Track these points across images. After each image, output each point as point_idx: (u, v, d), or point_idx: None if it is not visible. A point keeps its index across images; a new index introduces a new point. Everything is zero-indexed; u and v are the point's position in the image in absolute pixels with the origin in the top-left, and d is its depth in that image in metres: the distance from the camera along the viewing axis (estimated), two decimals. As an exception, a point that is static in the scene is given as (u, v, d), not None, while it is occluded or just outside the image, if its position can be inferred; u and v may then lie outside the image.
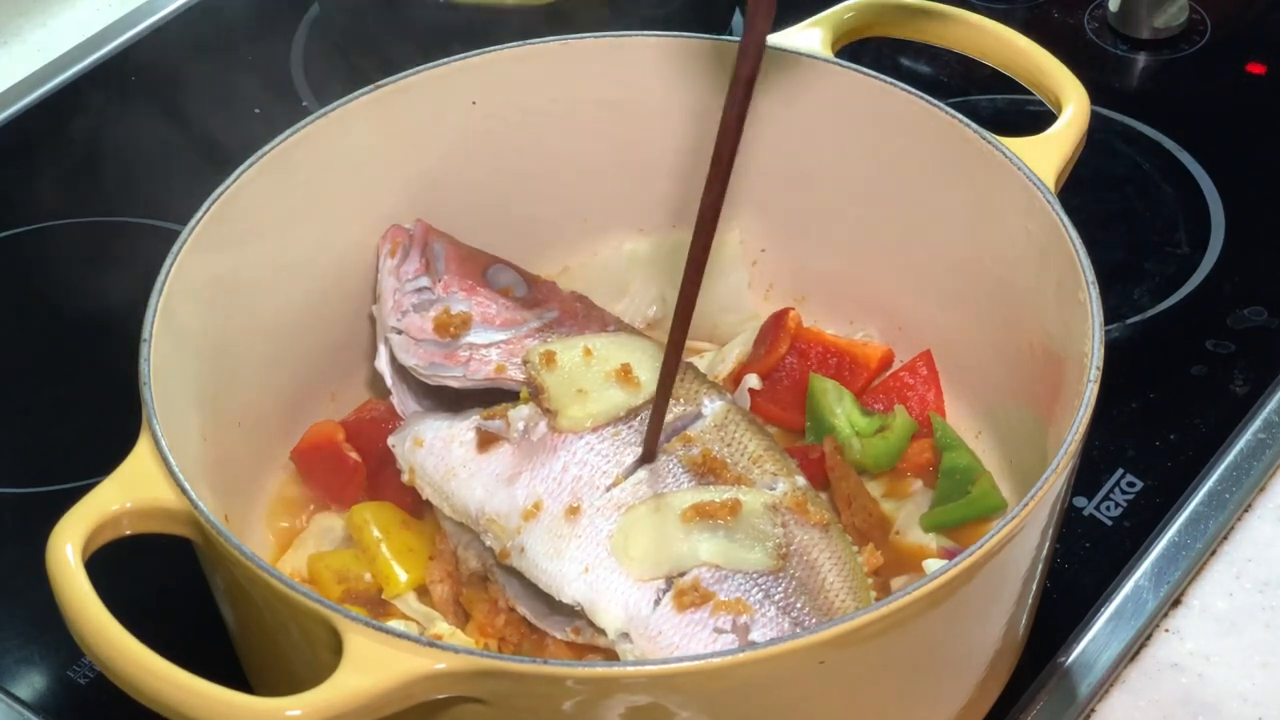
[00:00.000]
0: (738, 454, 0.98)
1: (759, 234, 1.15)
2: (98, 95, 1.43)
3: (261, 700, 0.77)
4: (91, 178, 1.35)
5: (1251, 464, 1.12)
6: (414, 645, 0.77)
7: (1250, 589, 1.06)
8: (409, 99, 1.07)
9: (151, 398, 0.88)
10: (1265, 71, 1.43)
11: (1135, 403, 1.16)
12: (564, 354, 1.01)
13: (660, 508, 0.94)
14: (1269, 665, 1.02)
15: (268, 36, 1.47)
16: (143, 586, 0.99)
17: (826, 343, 1.12)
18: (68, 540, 0.82)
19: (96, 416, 1.14)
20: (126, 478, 0.85)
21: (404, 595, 0.99)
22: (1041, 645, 1.01)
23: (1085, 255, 0.94)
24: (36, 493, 1.13)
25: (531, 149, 1.12)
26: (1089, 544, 1.07)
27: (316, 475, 1.06)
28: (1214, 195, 1.31)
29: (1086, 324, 0.92)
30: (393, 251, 1.08)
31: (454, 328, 1.04)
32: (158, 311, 0.92)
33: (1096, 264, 0.94)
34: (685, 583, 0.92)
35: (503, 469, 0.98)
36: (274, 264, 1.04)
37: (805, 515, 0.95)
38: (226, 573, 0.86)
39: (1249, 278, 1.25)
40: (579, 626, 0.94)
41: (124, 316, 0.96)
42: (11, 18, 1.51)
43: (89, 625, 0.79)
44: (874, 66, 1.07)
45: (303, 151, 1.03)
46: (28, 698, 1.01)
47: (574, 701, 0.79)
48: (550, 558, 0.94)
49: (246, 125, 1.35)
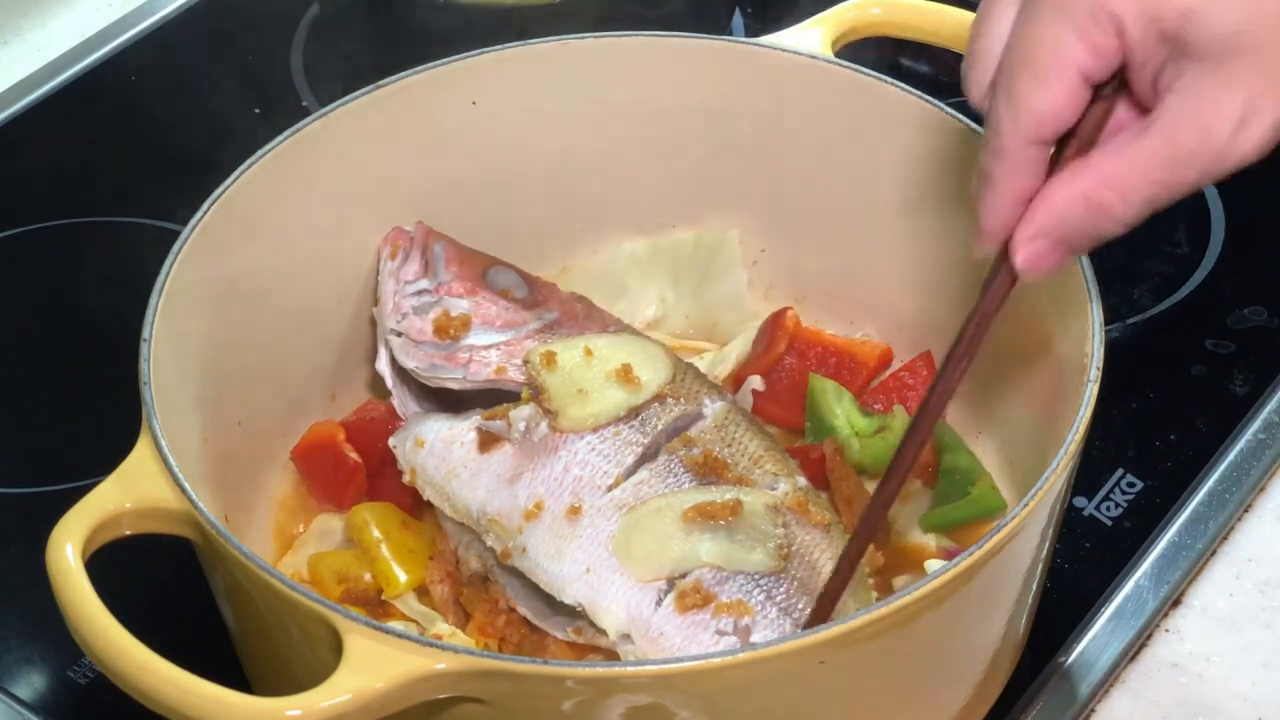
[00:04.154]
0: (739, 454, 0.98)
1: (759, 234, 1.15)
2: (98, 95, 1.43)
3: (261, 700, 0.77)
4: (91, 178, 1.35)
5: (1251, 464, 1.12)
6: (414, 645, 0.78)
7: (1250, 589, 1.06)
8: (409, 99, 1.07)
9: (151, 398, 0.88)
10: (1265, 71, 1.43)
11: (1135, 403, 1.16)
12: (564, 354, 1.01)
13: (662, 508, 0.94)
14: (1269, 665, 1.01)
15: (268, 36, 1.47)
16: (143, 586, 0.99)
17: (825, 342, 1.12)
18: (68, 540, 0.82)
19: (96, 416, 1.14)
20: (126, 478, 0.85)
21: (404, 595, 0.99)
22: (1041, 645, 1.01)
23: (1085, 255, 0.94)
24: (36, 493, 1.13)
25: (531, 149, 1.12)
26: (1089, 544, 1.07)
27: (316, 475, 1.06)
28: (1214, 195, 1.31)
29: (1086, 324, 0.92)
30: (393, 254, 1.08)
31: (454, 329, 1.04)
32: (158, 311, 0.92)
33: (1096, 264, 0.94)
34: (687, 584, 0.91)
35: (504, 469, 0.98)
36: (274, 264, 1.04)
37: (806, 516, 0.95)
38: (226, 573, 0.86)
39: (1249, 278, 1.25)
40: (580, 627, 0.94)
41: (124, 316, 0.96)
42: (11, 18, 1.51)
43: (89, 625, 0.79)
44: (874, 66, 1.07)
45: (303, 151, 1.03)
46: (28, 698, 1.01)
47: (574, 702, 0.79)
48: (551, 558, 0.94)
49: (246, 125, 1.35)
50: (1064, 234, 0.82)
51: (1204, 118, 0.78)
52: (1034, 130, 0.81)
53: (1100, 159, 0.81)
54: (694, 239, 1.15)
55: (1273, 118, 0.78)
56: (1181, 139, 0.78)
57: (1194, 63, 0.78)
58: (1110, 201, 0.80)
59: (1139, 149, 0.79)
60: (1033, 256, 0.83)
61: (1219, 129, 0.78)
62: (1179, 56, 0.78)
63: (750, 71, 1.09)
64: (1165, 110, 0.79)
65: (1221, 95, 0.77)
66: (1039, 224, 0.82)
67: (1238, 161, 0.79)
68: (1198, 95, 0.78)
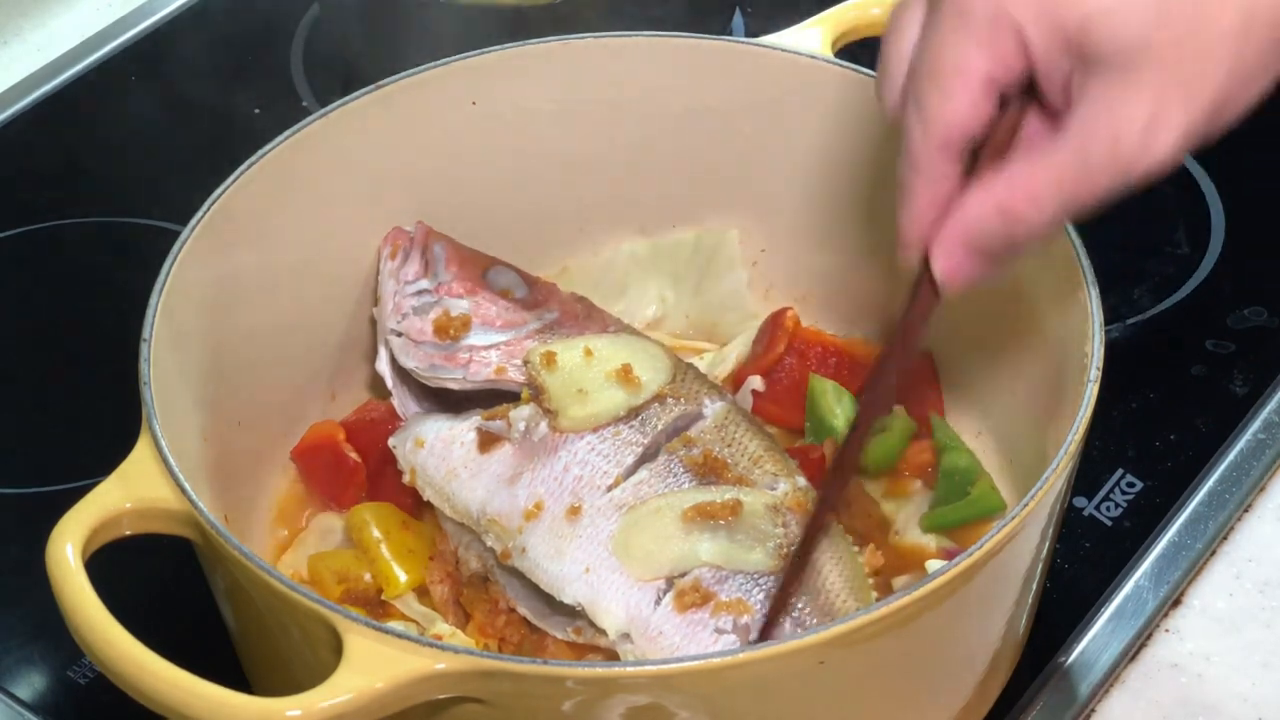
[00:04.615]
0: (738, 454, 0.98)
1: (759, 234, 1.15)
2: (98, 95, 1.43)
3: (261, 700, 0.77)
4: (91, 178, 1.35)
5: (1251, 464, 1.12)
6: (414, 645, 0.78)
7: (1250, 589, 1.06)
8: (409, 99, 1.07)
9: (151, 398, 0.88)
10: (1265, 71, 1.43)
11: (1135, 403, 1.16)
12: (564, 354, 1.01)
13: (661, 508, 0.94)
14: (1269, 665, 1.02)
15: (268, 36, 1.47)
16: (143, 586, 0.99)
17: (825, 342, 1.12)
18: (68, 540, 0.82)
19: (96, 416, 1.14)
20: (126, 478, 0.85)
21: (404, 595, 0.99)
22: (1041, 645, 1.01)
23: (1085, 255, 0.95)
24: (36, 493, 1.13)
25: (531, 149, 1.12)
26: (1089, 544, 1.07)
27: (316, 475, 1.06)
28: (1214, 195, 1.31)
29: (1086, 324, 0.92)
30: (393, 254, 1.08)
31: (454, 330, 1.04)
32: (158, 311, 0.92)
33: (1096, 264, 0.94)
34: (686, 583, 0.92)
35: (504, 469, 0.98)
36: (274, 264, 1.03)
37: (806, 515, 0.95)
38: (226, 573, 0.86)
39: (1249, 278, 1.25)
40: (580, 627, 0.94)
41: (124, 316, 0.96)
42: (11, 18, 1.51)
43: (89, 625, 0.79)
44: (874, 67, 1.07)
45: (303, 151, 1.03)
46: (28, 698, 1.01)
47: (574, 702, 0.79)
48: (551, 558, 0.94)
49: (246, 125, 1.35)
50: (980, 244, 0.82)
51: (1113, 127, 0.77)
52: (943, 139, 0.80)
53: (1013, 168, 0.80)
54: (694, 239, 1.15)
55: (1181, 127, 0.77)
56: (1091, 149, 0.78)
57: (1101, 72, 0.77)
58: (1023, 210, 0.80)
59: (1050, 158, 0.79)
60: (951, 267, 0.83)
61: (1128, 138, 0.77)
62: (1086, 65, 0.77)
63: (750, 71, 1.09)
64: (1075, 119, 0.78)
65: (1129, 104, 0.77)
66: (955, 234, 0.82)
67: (1148, 170, 0.78)
68: (1106, 104, 0.77)
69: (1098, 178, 0.78)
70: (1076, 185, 0.79)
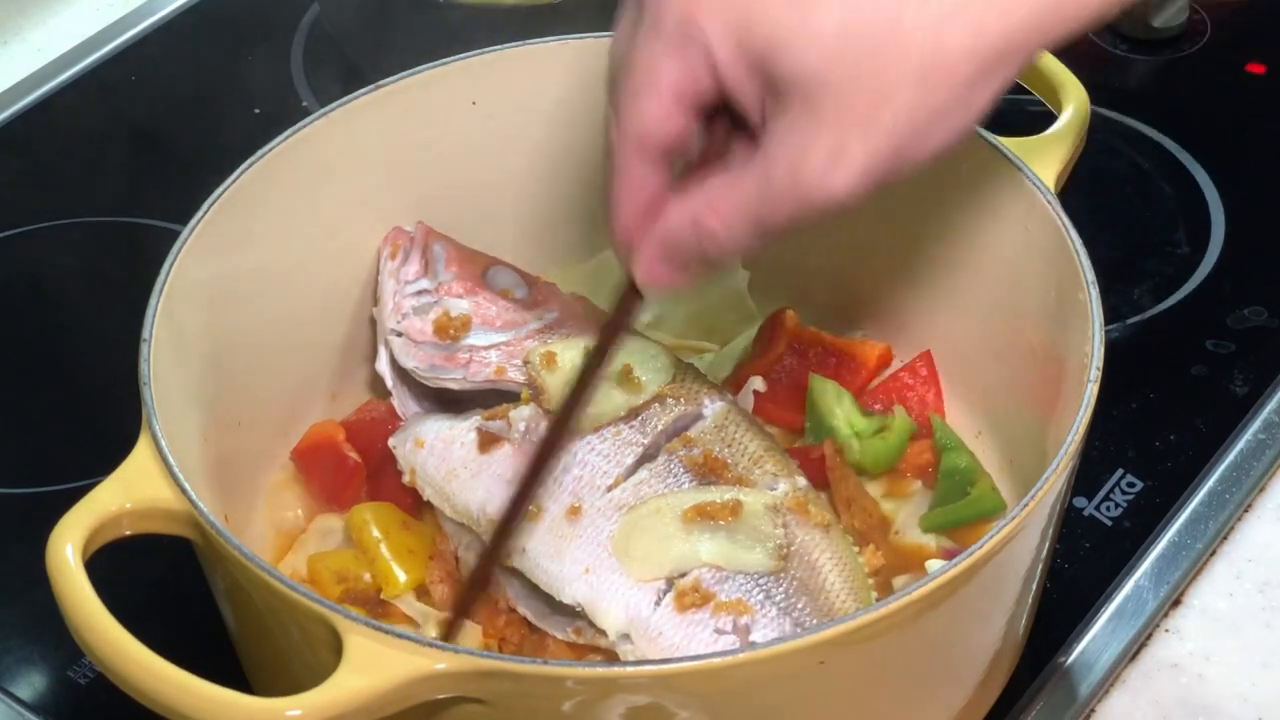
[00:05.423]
0: (738, 454, 0.98)
1: (759, 234, 1.14)
2: (98, 95, 1.43)
3: (261, 700, 0.77)
4: (91, 178, 1.35)
5: (1251, 464, 1.12)
6: (414, 645, 0.77)
7: (1250, 589, 1.06)
8: (409, 99, 1.07)
9: (151, 398, 0.88)
10: (1265, 71, 1.43)
11: (1135, 403, 1.16)
12: (564, 354, 1.01)
13: (661, 508, 0.94)
14: (1269, 665, 1.02)
15: (268, 36, 1.47)
16: (143, 586, 0.99)
17: (825, 342, 1.12)
18: (68, 540, 0.81)
19: (96, 416, 1.14)
20: (126, 478, 0.85)
21: (404, 595, 0.99)
22: (1041, 645, 1.01)
23: (1085, 255, 0.94)
24: (36, 493, 1.13)
25: (531, 149, 1.12)
26: (1089, 544, 1.07)
27: (316, 475, 1.06)
28: (1214, 195, 1.31)
29: (1086, 324, 0.92)
30: (393, 254, 1.08)
31: (454, 330, 1.04)
32: (158, 311, 0.92)
33: (1096, 264, 0.94)
34: (686, 583, 0.92)
35: (504, 469, 0.98)
36: (274, 264, 1.03)
37: (806, 516, 0.95)
38: (226, 573, 0.86)
39: (1249, 278, 1.25)
40: (580, 627, 0.94)
41: (124, 316, 0.96)
42: (11, 17, 1.51)
43: (89, 625, 0.79)
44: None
45: (303, 151, 1.03)
46: (28, 698, 1.01)
47: (574, 702, 0.79)
48: (551, 558, 0.94)
49: (246, 125, 1.35)
50: (674, 253, 0.81)
51: (792, 157, 0.76)
52: (636, 144, 0.80)
53: (710, 184, 0.80)
54: (694, 239, 1.15)
55: (861, 162, 0.76)
56: (773, 175, 0.77)
57: (786, 100, 0.76)
58: (714, 227, 0.79)
59: (740, 180, 0.79)
60: (648, 271, 0.83)
61: (808, 170, 0.76)
62: (774, 92, 0.76)
63: (750, 71, 1.09)
64: (763, 146, 0.78)
65: (809, 136, 0.76)
66: (655, 240, 0.82)
67: (826, 205, 0.77)
68: (789, 135, 0.76)
69: (779, 205, 0.78)
70: (760, 210, 0.78)
